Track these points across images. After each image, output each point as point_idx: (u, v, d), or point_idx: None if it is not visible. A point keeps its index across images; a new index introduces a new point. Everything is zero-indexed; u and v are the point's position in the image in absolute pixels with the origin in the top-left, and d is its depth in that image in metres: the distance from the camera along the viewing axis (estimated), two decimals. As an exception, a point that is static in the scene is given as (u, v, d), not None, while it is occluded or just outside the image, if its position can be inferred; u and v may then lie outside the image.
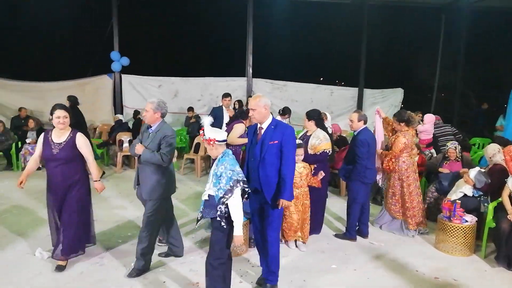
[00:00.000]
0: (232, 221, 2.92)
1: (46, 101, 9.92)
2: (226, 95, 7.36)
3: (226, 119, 7.26)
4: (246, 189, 2.98)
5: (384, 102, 11.09)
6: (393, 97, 11.12)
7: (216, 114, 7.33)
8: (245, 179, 2.98)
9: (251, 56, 10.50)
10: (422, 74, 12.77)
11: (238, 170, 2.94)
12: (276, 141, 3.30)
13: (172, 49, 13.92)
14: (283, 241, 4.45)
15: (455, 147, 5.69)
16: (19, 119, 9.26)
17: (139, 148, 3.66)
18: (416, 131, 7.00)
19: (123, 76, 10.36)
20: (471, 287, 3.70)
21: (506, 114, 5.76)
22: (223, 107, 7.33)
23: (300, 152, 4.17)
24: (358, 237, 4.82)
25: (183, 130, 9.60)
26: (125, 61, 10.00)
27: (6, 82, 10.13)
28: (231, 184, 2.85)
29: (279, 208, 3.34)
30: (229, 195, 2.85)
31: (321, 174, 4.42)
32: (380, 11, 11.22)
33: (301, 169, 4.30)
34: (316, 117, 4.69)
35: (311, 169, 4.44)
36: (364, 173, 4.57)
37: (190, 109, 9.68)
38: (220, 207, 2.89)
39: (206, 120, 3.11)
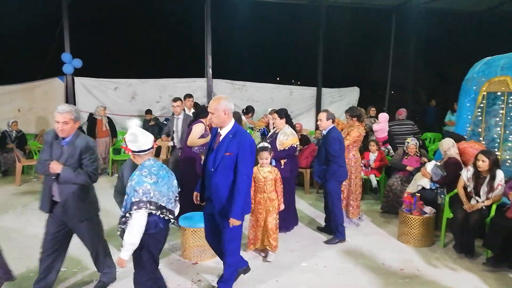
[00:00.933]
0: (150, 235, 2.63)
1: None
2: (189, 96, 7.22)
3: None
4: (161, 215, 2.62)
5: (342, 100, 11.41)
6: (350, 96, 11.47)
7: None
8: (157, 200, 2.57)
9: (210, 57, 10.38)
10: (376, 73, 13.27)
11: (145, 190, 2.52)
12: (232, 153, 3.10)
13: (128, 50, 13.46)
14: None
15: (415, 143, 5.98)
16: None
17: (54, 167, 3.00)
18: (371, 130, 7.32)
19: (76, 78, 9.85)
20: (434, 276, 3.89)
21: (457, 110, 6.10)
22: (185, 108, 7.17)
23: (265, 155, 4.07)
24: (323, 234, 4.94)
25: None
26: (78, 63, 9.51)
27: None
28: (129, 206, 2.54)
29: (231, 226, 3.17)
30: (128, 216, 2.55)
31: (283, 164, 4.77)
32: (336, 12, 11.53)
33: (266, 173, 4.13)
34: (287, 115, 5.04)
35: (278, 174, 4.24)
36: (338, 171, 4.61)
37: (148, 111, 9.40)
38: (120, 226, 2.62)
39: (132, 123, 2.79)
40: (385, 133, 7.35)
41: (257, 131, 7.18)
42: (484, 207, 4.29)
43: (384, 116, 7.42)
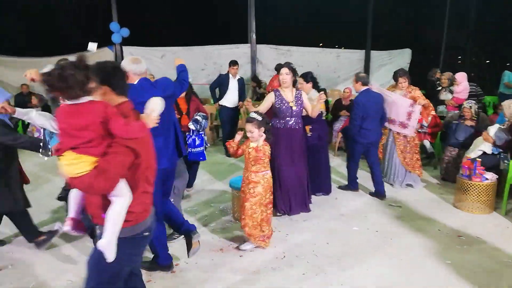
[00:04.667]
0: None
1: (47, 77, 9.76)
2: (234, 63, 7.13)
3: (232, 87, 7.11)
4: None
5: (392, 63, 10.83)
6: (401, 58, 10.86)
7: (222, 82, 7.18)
8: None
9: (254, 22, 10.16)
10: (429, 33, 12.40)
11: None
12: None
13: (173, 18, 13.48)
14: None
15: (470, 106, 5.56)
16: (21, 96, 9.11)
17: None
18: (452, 91, 6.75)
19: (124, 48, 10.10)
20: (495, 243, 3.69)
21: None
22: (230, 75, 7.14)
23: (248, 128, 3.40)
24: (375, 200, 4.85)
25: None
26: (125, 32, 9.70)
27: (4, 58, 9.91)
28: None
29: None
30: None
31: (309, 131, 4.55)
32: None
33: (251, 149, 3.46)
34: (313, 78, 4.94)
35: (266, 152, 3.48)
36: (359, 133, 4.76)
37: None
38: None
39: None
40: (467, 93, 6.63)
41: None
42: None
43: (463, 76, 6.69)
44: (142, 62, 2.96)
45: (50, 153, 3.19)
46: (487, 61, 10.62)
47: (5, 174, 3.33)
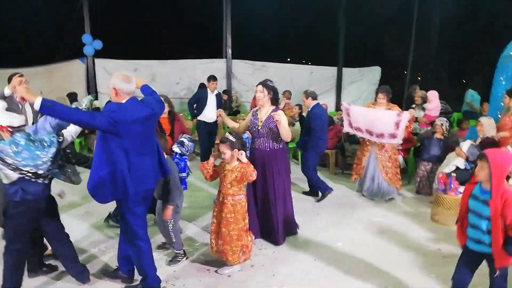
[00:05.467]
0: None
1: (13, 89, 9.34)
2: (214, 78, 7.06)
3: (210, 102, 7.07)
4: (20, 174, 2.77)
5: (362, 80, 11.23)
6: (371, 75, 11.25)
7: (200, 97, 7.14)
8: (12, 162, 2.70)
9: (230, 37, 10.26)
10: (397, 52, 12.96)
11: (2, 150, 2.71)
12: None
13: (147, 31, 13.33)
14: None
15: (442, 124, 5.82)
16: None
17: None
18: (424, 109, 7.01)
19: (96, 60, 9.86)
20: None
21: (492, 87, 5.91)
22: (208, 90, 7.10)
23: (223, 149, 3.29)
24: (358, 214, 4.95)
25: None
26: (98, 44, 9.49)
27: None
28: None
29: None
30: None
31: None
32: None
33: (226, 171, 3.34)
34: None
35: (246, 173, 3.31)
36: (317, 143, 5.23)
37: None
38: None
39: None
40: (438, 111, 6.93)
41: None
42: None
43: (434, 94, 6.98)
44: (133, 81, 2.91)
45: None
46: (450, 78, 11.19)
47: None
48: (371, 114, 5.26)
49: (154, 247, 3.59)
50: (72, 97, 8.65)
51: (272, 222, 3.98)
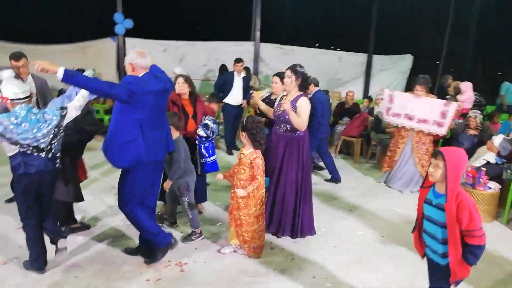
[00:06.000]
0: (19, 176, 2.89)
1: (46, 65, 9.62)
2: (239, 60, 7.09)
3: (236, 85, 7.07)
4: (21, 149, 2.80)
5: (393, 68, 10.92)
6: (402, 64, 10.92)
7: (227, 79, 7.15)
8: (11, 136, 2.72)
9: (259, 20, 10.13)
10: (431, 40, 12.50)
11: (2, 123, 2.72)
12: None
13: (177, 11, 13.35)
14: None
15: (475, 116, 5.63)
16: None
17: None
18: (457, 100, 6.77)
19: (126, 39, 9.98)
20: (498, 252, 3.75)
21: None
22: (234, 73, 7.11)
23: (241, 132, 3.37)
24: (381, 204, 4.89)
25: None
26: (129, 23, 9.58)
27: (4, 44, 9.73)
28: None
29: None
30: None
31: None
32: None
33: (241, 155, 3.34)
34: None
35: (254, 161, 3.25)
36: (318, 129, 5.15)
37: None
38: None
39: (6, 74, 3.01)
40: (471, 103, 6.71)
41: None
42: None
43: (467, 85, 6.75)
44: (148, 56, 3.03)
45: None
46: (486, 70, 10.72)
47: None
48: (416, 100, 5.12)
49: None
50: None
51: (283, 214, 3.78)
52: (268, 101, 4.31)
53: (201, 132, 3.88)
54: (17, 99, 2.81)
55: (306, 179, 3.81)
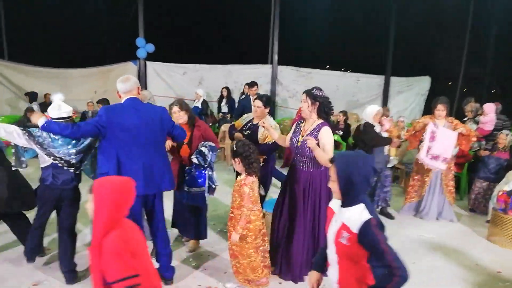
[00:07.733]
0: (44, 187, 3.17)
1: (69, 89, 9.88)
2: (253, 85, 7.11)
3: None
4: (54, 161, 3.04)
5: (411, 90, 10.89)
6: (420, 86, 10.88)
7: (245, 104, 7.16)
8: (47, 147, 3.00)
9: (277, 43, 10.26)
10: (448, 63, 12.47)
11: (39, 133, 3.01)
12: None
13: (196, 36, 13.70)
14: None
15: (507, 134, 5.47)
16: (44, 105, 9.22)
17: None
18: (477, 122, 6.65)
19: (148, 63, 10.23)
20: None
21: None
22: (250, 97, 7.13)
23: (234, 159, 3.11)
24: (407, 230, 4.77)
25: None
26: (150, 47, 9.84)
27: (29, 68, 10.05)
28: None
29: None
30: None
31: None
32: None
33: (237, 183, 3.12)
34: (269, 102, 3.98)
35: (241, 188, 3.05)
36: None
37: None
38: None
39: (57, 97, 3.20)
40: (493, 125, 6.38)
41: None
42: None
43: (491, 107, 6.43)
44: (131, 80, 3.07)
45: (24, 165, 3.28)
46: (506, 93, 10.60)
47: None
48: (454, 135, 4.76)
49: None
50: (32, 96, 9.14)
51: (297, 254, 3.33)
52: (251, 126, 3.96)
53: (194, 159, 3.62)
54: (58, 118, 3.07)
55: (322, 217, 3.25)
